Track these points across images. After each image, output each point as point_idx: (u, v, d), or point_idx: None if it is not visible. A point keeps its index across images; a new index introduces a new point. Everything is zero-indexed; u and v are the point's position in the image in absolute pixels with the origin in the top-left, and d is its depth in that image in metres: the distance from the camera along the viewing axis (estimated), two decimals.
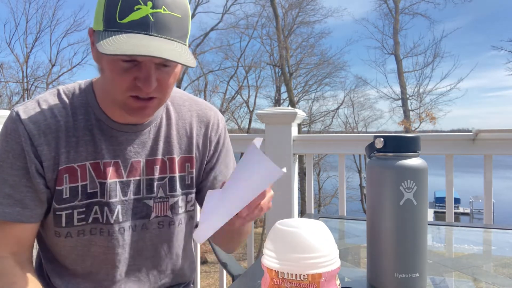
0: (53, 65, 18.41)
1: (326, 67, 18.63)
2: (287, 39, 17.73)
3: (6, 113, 2.51)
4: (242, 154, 0.72)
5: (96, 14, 0.79)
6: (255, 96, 18.51)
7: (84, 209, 0.88)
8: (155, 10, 0.75)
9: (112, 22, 0.75)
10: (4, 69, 18.20)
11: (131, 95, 0.80)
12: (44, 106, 0.87)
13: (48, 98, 0.89)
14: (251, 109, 18.07)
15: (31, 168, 0.85)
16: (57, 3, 21.64)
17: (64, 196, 0.87)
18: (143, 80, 0.78)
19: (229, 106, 17.85)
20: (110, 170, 0.90)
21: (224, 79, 18.32)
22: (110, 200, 0.90)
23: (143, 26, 0.75)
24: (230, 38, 18.15)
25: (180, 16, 0.79)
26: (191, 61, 0.79)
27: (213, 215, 0.69)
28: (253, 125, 17.37)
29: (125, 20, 0.74)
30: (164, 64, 0.80)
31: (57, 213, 0.87)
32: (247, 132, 13.63)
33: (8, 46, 18.25)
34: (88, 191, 0.89)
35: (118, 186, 0.91)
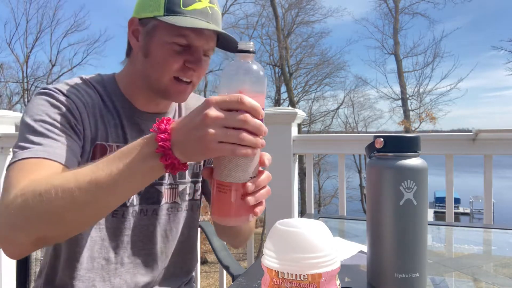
0: (53, 65, 18.44)
1: (326, 67, 18.66)
2: (287, 39, 17.74)
3: (7, 113, 2.51)
4: None
5: (150, 3, 0.88)
6: None
7: None
8: (210, 5, 0.89)
9: (176, 8, 0.86)
10: (4, 69, 18.23)
11: (177, 76, 0.89)
12: (76, 86, 0.90)
13: (75, 81, 0.93)
14: None
15: (76, 128, 0.85)
16: (58, 3, 21.68)
17: None
18: (195, 62, 0.88)
19: None
20: None
21: None
22: None
23: (203, 15, 0.87)
24: None
25: (220, 14, 0.93)
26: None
27: None
28: None
29: (189, 8, 0.86)
30: (206, 54, 0.91)
31: None
32: None
33: (8, 46, 18.28)
34: None
35: None
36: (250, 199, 0.65)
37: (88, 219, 0.72)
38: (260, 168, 0.70)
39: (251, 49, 0.65)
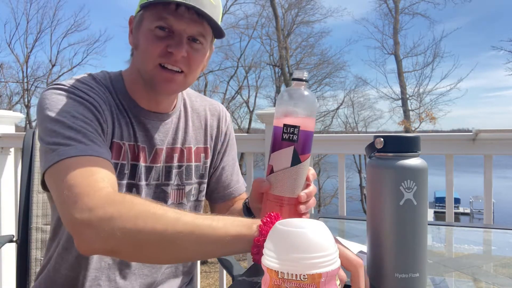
0: (53, 65, 18.45)
1: (326, 67, 18.66)
2: (287, 39, 17.73)
3: (7, 113, 2.51)
4: (242, 154, 0.77)
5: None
6: (255, 96, 18.55)
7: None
8: None
9: None
10: (4, 69, 18.23)
11: (161, 62, 0.86)
12: (89, 84, 0.89)
13: (85, 78, 0.91)
14: (251, 109, 18.10)
15: (103, 125, 0.85)
16: (58, 3, 21.65)
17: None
18: (175, 45, 0.85)
19: (229, 106, 17.85)
20: (141, 154, 0.94)
21: (224, 79, 18.34)
22: (139, 183, 0.93)
23: None
24: (230, 38, 18.05)
25: (214, 3, 0.88)
26: (221, 30, 0.90)
27: None
28: (253, 125, 17.38)
29: None
30: (194, 40, 0.88)
31: None
32: (247, 132, 13.62)
33: (9, 46, 18.29)
34: (124, 171, 0.91)
35: (143, 170, 0.94)
36: (302, 207, 0.74)
37: (160, 258, 0.74)
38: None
39: (304, 78, 0.74)
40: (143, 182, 0.94)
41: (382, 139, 0.68)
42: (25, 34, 18.48)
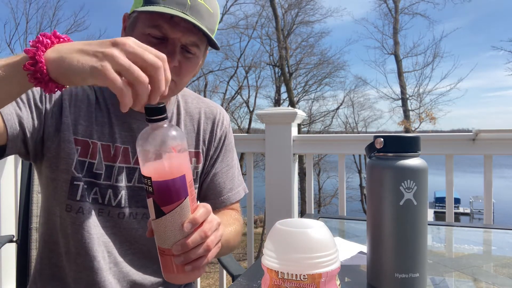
0: None
1: (326, 67, 18.62)
2: (286, 39, 17.72)
3: None
4: (242, 154, 0.74)
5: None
6: (255, 96, 18.50)
7: (86, 186, 0.90)
8: None
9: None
10: None
11: None
12: None
13: None
14: (251, 109, 18.06)
15: (43, 105, 0.86)
16: (57, 3, 21.57)
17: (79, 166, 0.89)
18: (167, 54, 0.81)
19: (229, 106, 17.83)
20: (120, 155, 0.92)
21: (224, 79, 18.29)
22: (117, 184, 0.92)
23: (180, 6, 0.82)
24: (230, 38, 18.08)
25: (212, 11, 0.87)
26: (216, 44, 0.89)
27: None
28: (253, 125, 17.36)
29: None
30: (188, 50, 0.87)
31: (75, 183, 0.88)
32: (247, 132, 13.61)
33: (8, 46, 18.24)
34: (93, 170, 0.90)
35: (124, 172, 0.93)
36: (178, 260, 0.67)
37: None
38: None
39: (162, 116, 0.63)
40: (122, 184, 0.92)
41: (382, 139, 0.68)
42: (25, 34, 18.47)
